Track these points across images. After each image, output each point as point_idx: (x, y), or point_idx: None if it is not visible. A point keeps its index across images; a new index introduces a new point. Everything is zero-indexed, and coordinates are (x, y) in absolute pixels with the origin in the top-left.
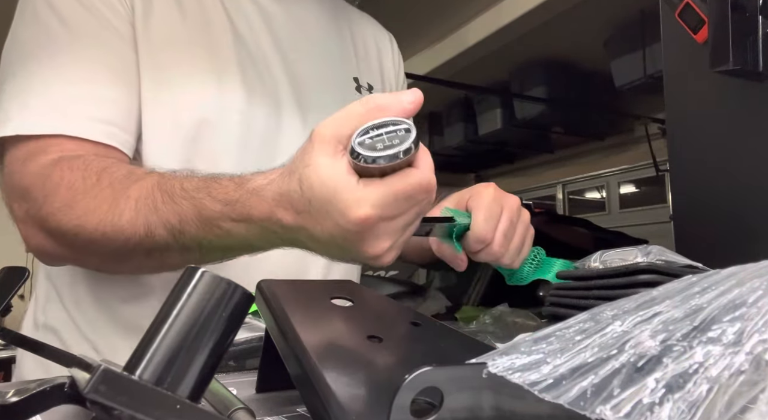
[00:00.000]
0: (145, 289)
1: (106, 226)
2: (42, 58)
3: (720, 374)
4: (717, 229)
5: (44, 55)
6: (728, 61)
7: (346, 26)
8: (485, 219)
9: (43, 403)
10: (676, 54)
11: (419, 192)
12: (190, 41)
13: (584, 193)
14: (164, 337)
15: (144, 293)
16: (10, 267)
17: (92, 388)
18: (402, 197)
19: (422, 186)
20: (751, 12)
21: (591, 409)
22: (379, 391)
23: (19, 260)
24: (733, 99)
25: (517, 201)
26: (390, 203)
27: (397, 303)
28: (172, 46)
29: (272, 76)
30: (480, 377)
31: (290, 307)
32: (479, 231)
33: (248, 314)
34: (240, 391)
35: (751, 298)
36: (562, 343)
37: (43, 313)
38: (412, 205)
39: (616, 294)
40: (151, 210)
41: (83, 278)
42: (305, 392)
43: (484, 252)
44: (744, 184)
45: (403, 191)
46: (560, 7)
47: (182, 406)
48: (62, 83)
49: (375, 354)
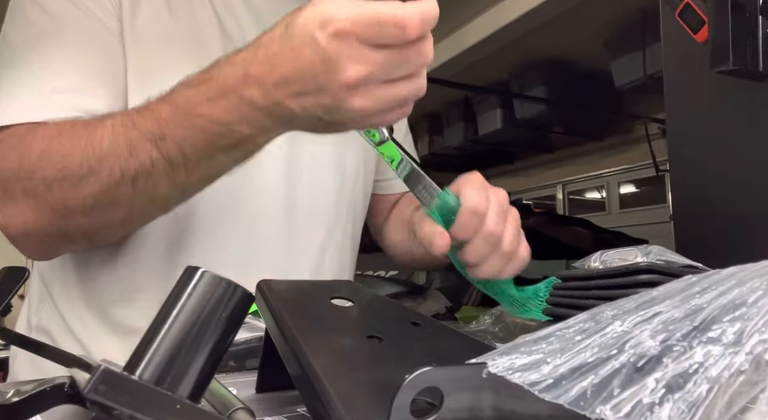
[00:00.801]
0: (134, 288)
1: (90, 160)
2: (30, 53)
3: (720, 374)
4: (717, 229)
5: (32, 50)
6: (728, 61)
7: None
8: (477, 189)
9: (43, 403)
10: (676, 54)
11: (408, 26)
12: (177, 38)
13: (584, 193)
14: (164, 337)
15: (134, 293)
16: (10, 267)
17: (92, 388)
18: (385, 23)
19: (411, 21)
20: (751, 12)
21: (591, 409)
22: (379, 391)
23: (19, 260)
24: (733, 99)
25: (506, 195)
26: (371, 25)
27: (397, 303)
28: (160, 43)
29: None
30: (480, 377)
31: (290, 307)
32: (472, 199)
33: (248, 314)
34: (240, 391)
35: (751, 298)
36: (562, 343)
37: (36, 314)
38: (398, 43)
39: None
40: (129, 127)
41: (74, 278)
42: (305, 392)
43: (478, 238)
44: (744, 184)
45: (386, 16)
46: (560, 7)
47: (182, 406)
48: (50, 75)
49: (375, 354)
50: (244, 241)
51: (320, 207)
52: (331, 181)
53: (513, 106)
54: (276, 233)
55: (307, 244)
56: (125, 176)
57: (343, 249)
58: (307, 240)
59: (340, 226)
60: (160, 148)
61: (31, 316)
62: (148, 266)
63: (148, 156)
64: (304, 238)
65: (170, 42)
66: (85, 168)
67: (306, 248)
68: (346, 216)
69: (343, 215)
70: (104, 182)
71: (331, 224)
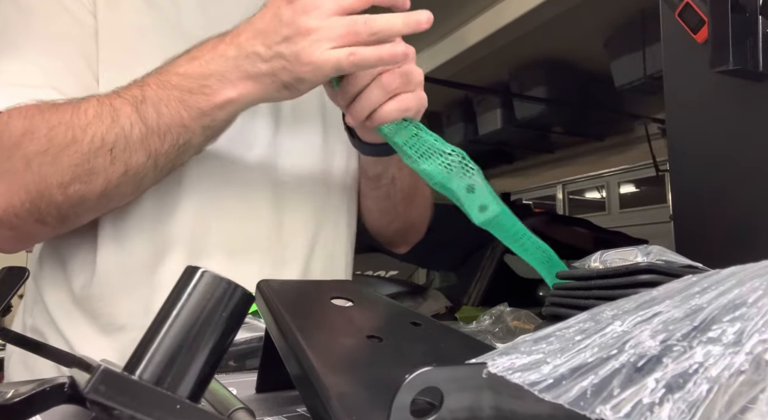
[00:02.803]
0: (118, 289)
1: (75, 128)
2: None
3: (720, 374)
4: (717, 229)
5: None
6: (728, 61)
7: None
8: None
9: (43, 403)
10: (676, 54)
11: None
12: (158, 27)
13: (584, 193)
14: (164, 337)
15: (119, 293)
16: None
17: (92, 388)
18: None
19: None
20: (751, 12)
21: (591, 409)
22: (379, 391)
23: (19, 260)
24: (733, 99)
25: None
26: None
27: (397, 303)
28: (140, 34)
29: None
30: (480, 377)
31: (290, 307)
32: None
33: (248, 314)
34: (240, 391)
35: (751, 298)
36: (562, 343)
37: (31, 315)
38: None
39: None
40: (113, 96)
41: (63, 277)
42: (305, 392)
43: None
44: (744, 184)
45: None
46: (560, 7)
47: (182, 406)
48: (18, 62)
49: (375, 354)
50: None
51: (308, 194)
52: (319, 166)
53: (513, 106)
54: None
55: (295, 234)
56: (105, 143)
57: (336, 236)
58: (295, 230)
59: (331, 210)
60: (139, 111)
61: (26, 317)
62: (133, 260)
63: (128, 118)
64: (293, 227)
65: (150, 31)
66: (69, 137)
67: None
68: (338, 201)
69: (333, 200)
70: (84, 151)
71: (320, 210)
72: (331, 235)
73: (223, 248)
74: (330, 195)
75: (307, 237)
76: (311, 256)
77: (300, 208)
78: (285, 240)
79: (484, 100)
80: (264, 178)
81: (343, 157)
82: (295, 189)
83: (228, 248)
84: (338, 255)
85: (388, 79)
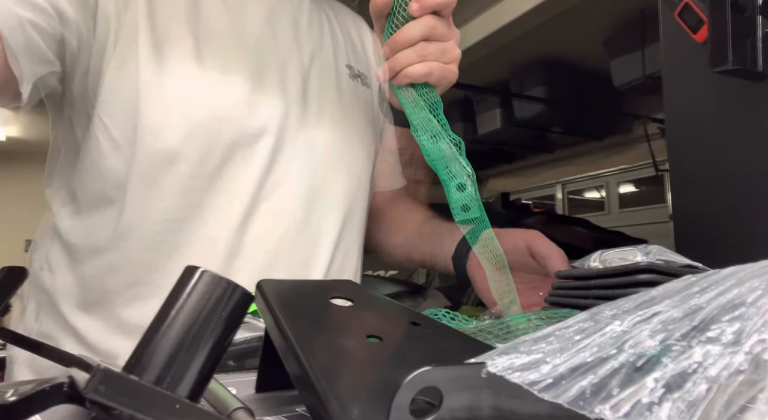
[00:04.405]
0: (99, 297)
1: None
2: None
3: (719, 374)
4: (717, 229)
5: None
6: (728, 61)
7: (331, 15)
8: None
9: (43, 403)
10: (675, 54)
11: None
12: (186, 36)
13: (584, 193)
14: (163, 336)
15: (97, 302)
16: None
17: (92, 388)
18: None
19: None
20: (751, 12)
21: (590, 409)
22: (379, 391)
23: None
24: (733, 99)
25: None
26: None
27: (397, 303)
28: (176, 36)
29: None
30: (479, 377)
31: (290, 307)
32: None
33: (248, 314)
34: (240, 391)
35: (750, 298)
36: (562, 342)
37: (37, 321)
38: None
39: (616, 294)
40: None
41: (48, 285)
42: (305, 392)
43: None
44: (744, 184)
45: None
46: (560, 7)
47: (182, 406)
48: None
49: (375, 354)
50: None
51: (339, 197)
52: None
53: (512, 106)
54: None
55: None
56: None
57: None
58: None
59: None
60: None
61: (30, 324)
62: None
63: None
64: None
65: (182, 38)
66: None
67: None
68: (362, 203)
69: (359, 201)
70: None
71: (347, 212)
72: (354, 235)
73: (259, 248)
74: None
75: (334, 236)
76: (335, 255)
77: (330, 212)
78: (314, 239)
79: (484, 99)
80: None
81: (367, 160)
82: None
83: (263, 248)
84: (353, 255)
85: (424, 45)
